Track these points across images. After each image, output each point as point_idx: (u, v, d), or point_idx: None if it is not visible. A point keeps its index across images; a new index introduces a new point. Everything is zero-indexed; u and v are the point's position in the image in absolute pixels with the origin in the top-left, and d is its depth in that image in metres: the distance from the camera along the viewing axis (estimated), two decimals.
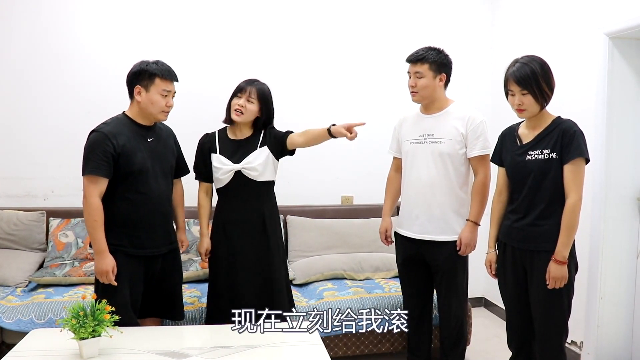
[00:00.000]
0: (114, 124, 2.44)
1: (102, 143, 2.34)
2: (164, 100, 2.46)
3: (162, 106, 2.47)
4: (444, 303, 2.83)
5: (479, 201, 2.71)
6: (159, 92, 2.44)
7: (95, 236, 2.34)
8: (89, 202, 2.33)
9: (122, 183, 2.40)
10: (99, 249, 2.34)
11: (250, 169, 2.67)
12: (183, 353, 2.04)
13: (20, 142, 3.75)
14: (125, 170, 2.39)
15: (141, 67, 2.45)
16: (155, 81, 2.43)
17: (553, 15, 3.53)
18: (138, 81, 2.45)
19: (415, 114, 2.86)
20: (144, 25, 3.83)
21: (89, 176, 2.34)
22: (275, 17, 3.99)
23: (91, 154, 2.35)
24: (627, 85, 3.06)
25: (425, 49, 2.71)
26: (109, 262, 2.34)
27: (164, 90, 2.45)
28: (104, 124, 2.44)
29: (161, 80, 2.44)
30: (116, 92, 3.77)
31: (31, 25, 3.70)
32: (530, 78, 2.29)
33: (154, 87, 2.43)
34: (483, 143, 2.68)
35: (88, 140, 2.40)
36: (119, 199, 2.41)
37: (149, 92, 2.44)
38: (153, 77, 2.43)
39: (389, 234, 2.98)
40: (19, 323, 2.81)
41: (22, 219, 3.53)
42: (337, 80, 4.09)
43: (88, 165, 2.34)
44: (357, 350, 3.16)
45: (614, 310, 3.15)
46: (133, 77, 2.47)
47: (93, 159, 2.33)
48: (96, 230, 2.33)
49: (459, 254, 2.72)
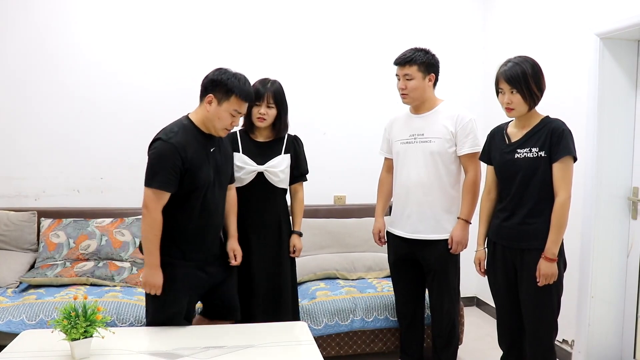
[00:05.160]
0: (182, 133, 2.25)
1: (172, 156, 2.19)
2: (231, 119, 2.28)
3: (227, 124, 2.30)
4: (435, 302, 2.84)
5: (469, 199, 2.73)
6: (229, 111, 2.26)
7: (151, 249, 2.24)
8: (153, 217, 2.22)
9: (182, 195, 2.29)
10: (152, 263, 2.25)
11: (273, 173, 2.68)
12: (175, 353, 2.04)
13: (12, 141, 3.73)
14: (189, 185, 2.27)
15: (221, 77, 2.26)
16: (230, 98, 2.25)
17: (544, 15, 3.55)
18: (213, 90, 2.26)
19: (405, 114, 2.87)
20: (138, 24, 3.82)
21: (156, 191, 2.21)
22: (273, 18, 3.98)
23: (160, 167, 2.20)
24: (617, 85, 3.08)
25: (412, 50, 2.71)
26: (159, 277, 2.26)
27: (236, 110, 2.27)
28: (171, 132, 2.24)
29: (237, 99, 2.25)
30: (109, 92, 3.81)
31: (24, 25, 3.68)
32: (520, 78, 2.32)
33: (227, 104, 2.25)
34: (473, 141, 2.70)
35: (156, 150, 2.23)
36: (175, 210, 2.29)
37: (220, 106, 2.26)
38: (230, 94, 2.24)
39: (382, 234, 3.00)
40: (10, 324, 2.78)
41: (13, 219, 3.51)
42: (331, 80, 4.09)
43: (156, 179, 2.20)
44: (350, 349, 3.16)
45: (604, 308, 3.17)
46: (209, 84, 2.28)
47: (162, 173, 2.19)
48: (154, 244, 2.24)
49: (451, 252, 2.73)
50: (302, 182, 2.87)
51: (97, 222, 3.57)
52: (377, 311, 3.13)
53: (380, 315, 3.13)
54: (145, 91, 3.85)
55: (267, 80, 2.69)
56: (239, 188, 2.68)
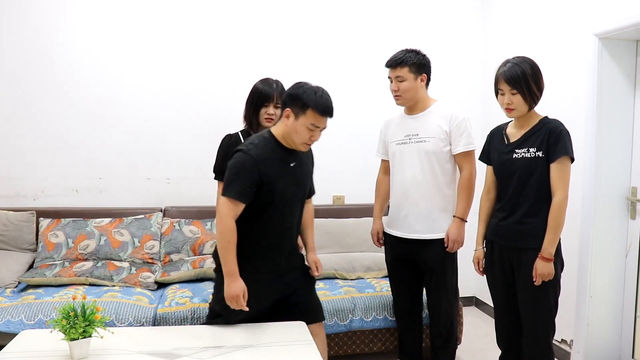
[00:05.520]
0: (262, 147, 2.25)
1: (250, 169, 2.19)
2: (309, 133, 2.23)
3: (306, 139, 2.24)
4: (433, 302, 2.84)
5: (465, 197, 2.75)
6: (306, 125, 2.21)
7: (226, 258, 2.20)
8: (225, 222, 2.19)
9: (258, 209, 2.26)
10: (230, 272, 2.20)
11: None
12: (174, 353, 2.03)
13: (10, 141, 3.72)
14: (265, 200, 2.25)
15: (297, 91, 2.23)
16: (307, 112, 2.20)
17: (543, 15, 3.55)
18: (291, 104, 2.23)
19: (400, 115, 2.89)
20: (135, 25, 3.82)
21: (232, 200, 2.19)
22: (272, 18, 3.99)
23: (238, 177, 2.19)
24: (616, 85, 3.08)
25: (403, 52, 2.72)
26: (239, 286, 2.20)
27: (313, 124, 2.21)
28: (252, 145, 2.25)
29: (314, 113, 2.19)
30: (107, 92, 3.81)
31: (21, 25, 3.68)
32: (520, 78, 2.33)
33: (304, 118, 2.20)
34: (467, 139, 2.71)
35: (235, 160, 2.23)
36: (251, 224, 2.27)
37: (297, 121, 2.21)
38: (306, 108, 2.20)
39: (380, 236, 3.02)
40: (9, 324, 2.78)
41: (12, 219, 3.50)
42: (330, 80, 4.03)
43: (233, 188, 2.19)
44: (349, 349, 3.17)
45: (603, 308, 3.17)
46: (287, 99, 2.26)
47: (239, 183, 2.18)
48: (228, 251, 2.19)
49: (447, 250, 2.74)
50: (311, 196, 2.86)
51: (96, 222, 3.57)
52: (376, 311, 3.13)
53: (379, 315, 3.13)
54: (143, 91, 3.85)
55: (271, 80, 2.70)
56: None
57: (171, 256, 3.55)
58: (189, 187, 3.93)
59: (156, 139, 3.88)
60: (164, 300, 3.05)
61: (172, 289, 3.20)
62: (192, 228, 3.64)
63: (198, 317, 2.89)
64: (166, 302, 3.01)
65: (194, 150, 3.87)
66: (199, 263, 3.37)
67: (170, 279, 3.28)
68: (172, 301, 3.01)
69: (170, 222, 3.68)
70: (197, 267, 3.34)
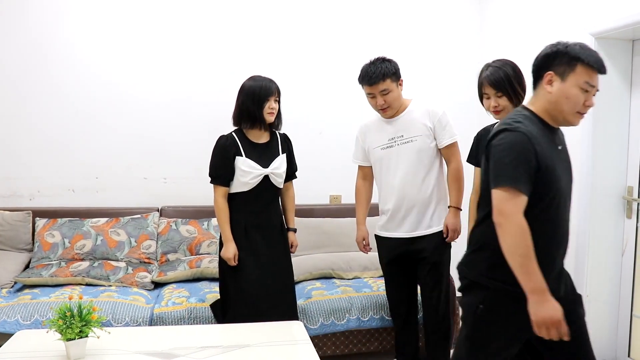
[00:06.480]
0: (527, 122, 1.79)
1: (525, 148, 1.71)
2: (584, 95, 1.77)
3: (579, 105, 1.78)
4: (429, 297, 2.85)
5: (457, 187, 2.82)
6: (579, 85, 1.76)
7: (531, 269, 1.68)
8: (516, 223, 1.69)
9: (530, 205, 1.74)
10: (539, 289, 1.69)
11: (277, 174, 2.74)
12: (172, 353, 2.03)
13: (6, 141, 3.71)
14: (542, 192, 1.76)
15: (558, 48, 1.80)
16: (576, 68, 1.76)
17: (540, 15, 3.56)
18: (551, 66, 1.80)
19: (377, 120, 2.88)
20: (132, 25, 3.81)
21: (511, 190, 1.70)
22: (268, 17, 3.98)
23: (511, 161, 1.72)
24: (612, 84, 3.09)
25: (376, 65, 2.68)
26: (556, 307, 1.70)
27: (587, 82, 1.76)
28: (514, 122, 1.78)
29: (585, 68, 1.75)
30: (103, 92, 3.80)
31: (17, 25, 3.66)
32: (504, 81, 2.38)
33: (574, 76, 1.76)
34: (450, 132, 2.78)
35: (504, 142, 1.76)
36: None
37: (564, 82, 1.77)
38: (574, 63, 1.76)
39: (366, 242, 3.03)
40: (4, 324, 2.77)
41: (8, 219, 3.49)
42: (327, 79, 4.09)
43: (508, 175, 1.71)
44: (346, 349, 3.17)
45: (599, 307, 3.18)
46: (542, 62, 1.84)
47: (515, 169, 1.71)
48: (531, 260, 1.68)
49: (447, 240, 2.79)
50: (293, 179, 2.94)
51: (92, 221, 3.56)
52: (372, 310, 3.13)
53: (376, 314, 3.13)
54: (139, 91, 3.84)
55: (267, 78, 2.72)
56: (244, 192, 2.69)
57: (168, 256, 3.55)
58: (186, 187, 3.92)
59: (153, 138, 3.87)
60: (161, 300, 3.05)
61: (169, 288, 3.20)
62: (188, 228, 3.64)
63: (195, 317, 2.89)
64: (163, 302, 3.01)
65: (191, 150, 3.86)
66: (195, 263, 3.37)
67: (167, 279, 3.28)
68: (168, 301, 3.00)
69: (167, 221, 3.67)
70: (193, 266, 3.34)
